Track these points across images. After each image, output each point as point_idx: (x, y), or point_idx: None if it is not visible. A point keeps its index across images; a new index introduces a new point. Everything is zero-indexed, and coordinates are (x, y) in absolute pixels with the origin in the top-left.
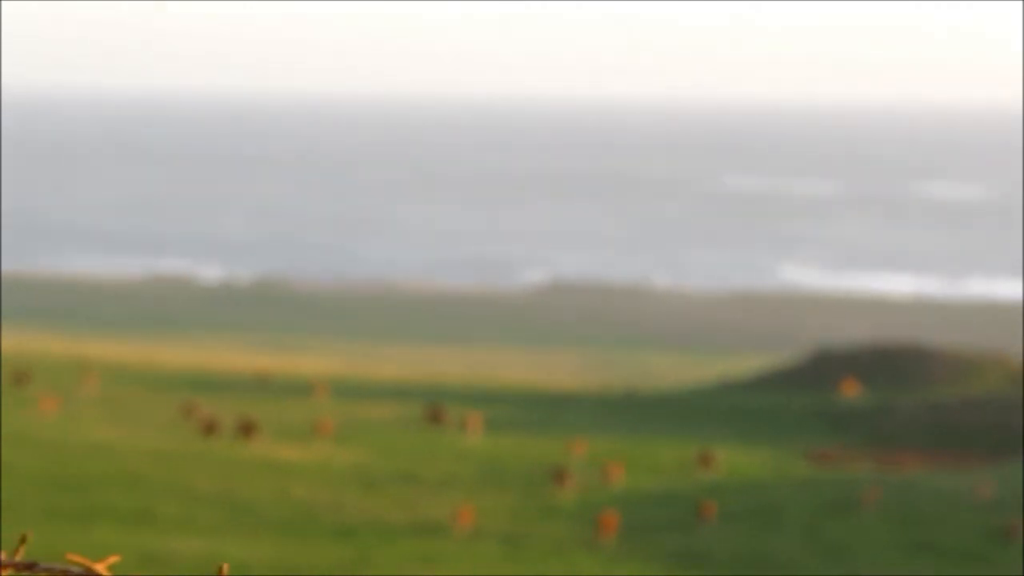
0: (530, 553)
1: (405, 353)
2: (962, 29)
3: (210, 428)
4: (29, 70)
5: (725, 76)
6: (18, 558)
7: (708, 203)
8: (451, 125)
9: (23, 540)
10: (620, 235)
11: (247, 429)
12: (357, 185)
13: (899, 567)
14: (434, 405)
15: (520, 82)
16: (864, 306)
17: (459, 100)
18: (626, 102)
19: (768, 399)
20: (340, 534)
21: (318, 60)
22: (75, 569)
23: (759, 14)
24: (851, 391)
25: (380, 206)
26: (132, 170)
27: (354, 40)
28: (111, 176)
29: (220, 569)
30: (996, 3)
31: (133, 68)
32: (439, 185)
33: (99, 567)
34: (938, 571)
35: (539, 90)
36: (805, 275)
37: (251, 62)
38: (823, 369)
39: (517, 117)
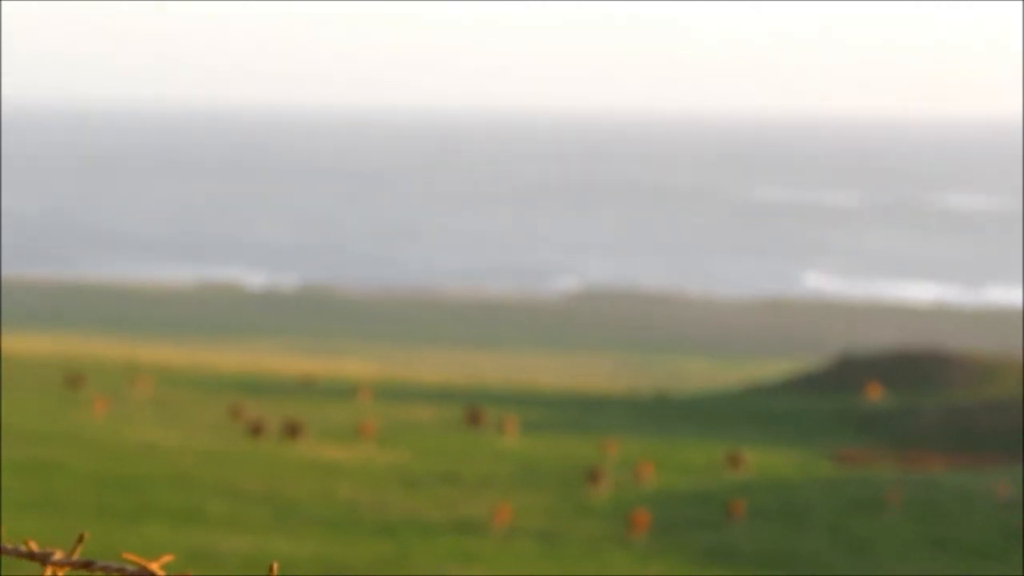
0: (565, 550)
1: (445, 357)
2: (979, 43)
3: (257, 429)
4: (78, 84)
5: (752, 90)
6: (75, 557)
7: (736, 213)
8: (487, 136)
9: (80, 539)
10: (650, 243)
11: (293, 430)
12: (397, 195)
13: (921, 563)
14: (473, 407)
15: (554, 94)
16: (887, 313)
17: (494, 112)
18: (657, 115)
19: (795, 402)
20: (382, 532)
21: (360, 73)
22: (131, 568)
23: (787, 30)
24: (875, 394)
25: (420, 215)
26: (182, 182)
27: (394, 53)
28: (162, 188)
29: (270, 568)
30: (1013, 19)
31: (181, 82)
32: (476, 195)
33: (154, 566)
34: (959, 567)
35: (573, 102)
36: (830, 283)
37: (295, 75)
38: (848, 373)
39: (551, 129)
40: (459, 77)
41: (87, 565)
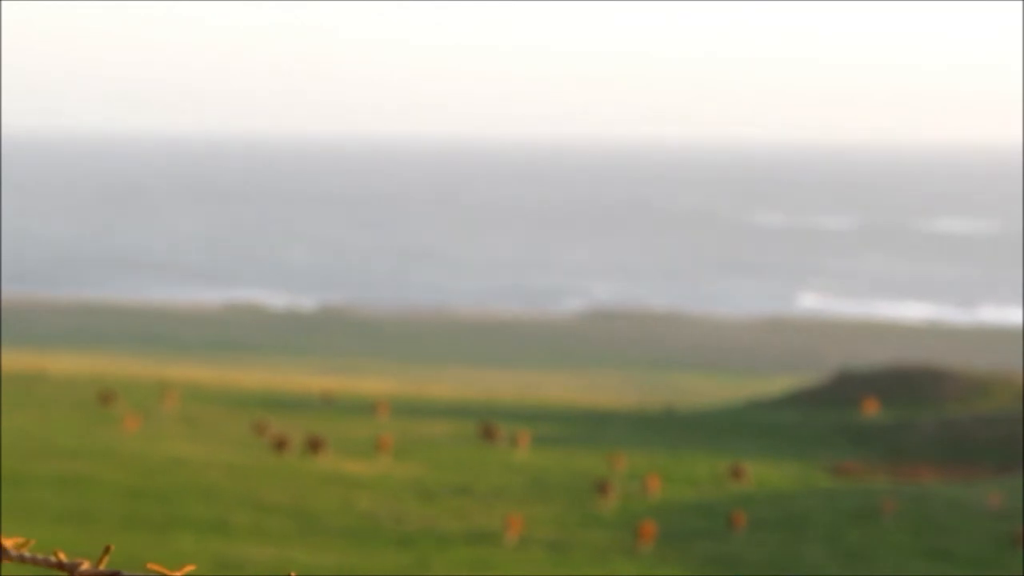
0: (575, 559)
1: (459, 375)
2: (969, 72)
3: (280, 444)
4: (107, 114)
5: (749, 118)
6: (102, 567)
7: (736, 236)
8: (497, 164)
9: (107, 550)
10: (655, 265)
11: (314, 445)
12: (412, 220)
13: (916, 572)
14: (486, 423)
15: (561, 123)
16: (882, 331)
17: (505, 140)
18: (658, 142)
19: (794, 417)
20: (400, 542)
21: (375, 103)
22: None
23: (782, 59)
24: (871, 409)
25: (434, 239)
26: (206, 208)
27: (407, 84)
28: (187, 213)
29: None
30: (1003, 48)
31: (203, 112)
32: (488, 220)
33: None
34: (952, 575)
35: (579, 131)
36: (828, 303)
37: (312, 105)
38: (845, 389)
39: (559, 156)
40: (470, 107)
41: (113, 575)
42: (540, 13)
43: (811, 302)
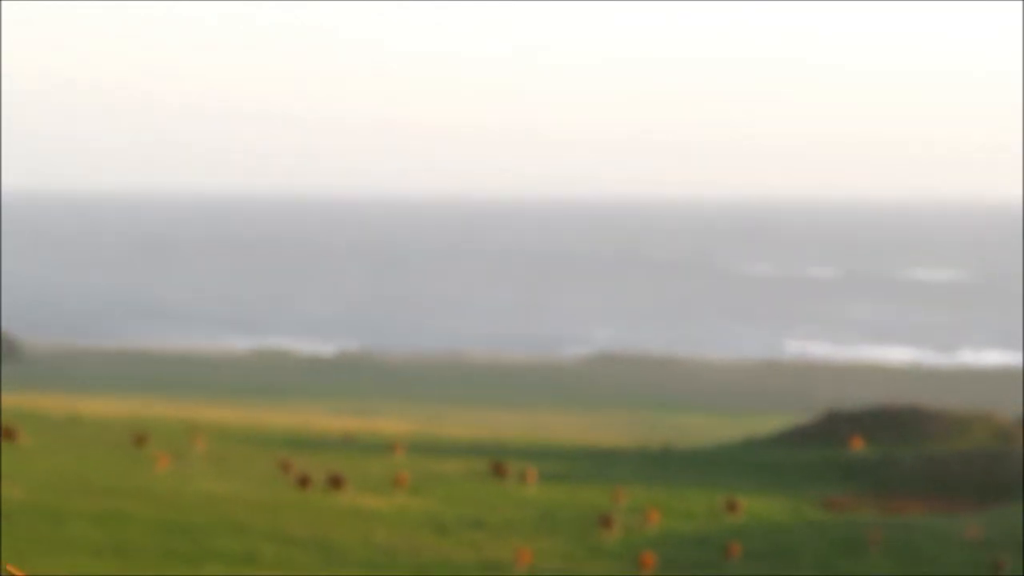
0: None
1: (471, 415)
2: (942, 131)
3: (304, 481)
4: (142, 174)
5: (741, 176)
6: None
7: (729, 284)
8: (502, 219)
9: None
10: (653, 312)
11: (336, 482)
12: (425, 272)
13: None
14: (497, 460)
15: (567, 182)
16: (868, 373)
17: (514, 198)
18: (656, 199)
19: (786, 454)
20: (417, 573)
21: (394, 164)
22: None
23: (771, 124)
24: (858, 446)
25: (446, 290)
26: (234, 260)
27: (414, 144)
28: (216, 265)
29: None
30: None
31: (232, 171)
32: (497, 269)
33: None
34: None
35: (583, 189)
36: (816, 347)
37: (335, 166)
38: (834, 428)
39: (564, 211)
40: (483, 170)
41: None
42: (537, 19)
43: (800, 346)
